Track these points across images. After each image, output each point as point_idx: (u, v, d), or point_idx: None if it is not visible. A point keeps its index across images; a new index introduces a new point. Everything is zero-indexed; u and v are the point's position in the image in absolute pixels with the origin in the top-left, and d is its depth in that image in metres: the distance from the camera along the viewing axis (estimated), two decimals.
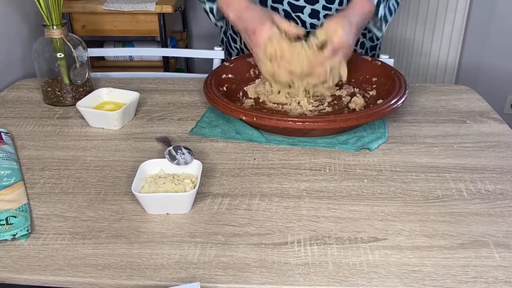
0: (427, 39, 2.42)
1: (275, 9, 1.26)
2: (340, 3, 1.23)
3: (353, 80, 1.21)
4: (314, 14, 1.24)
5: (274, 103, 1.13)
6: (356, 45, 1.33)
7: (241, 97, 1.17)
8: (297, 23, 1.27)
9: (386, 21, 1.20)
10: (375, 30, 1.24)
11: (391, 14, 1.21)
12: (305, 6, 1.23)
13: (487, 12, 2.36)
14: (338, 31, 1.04)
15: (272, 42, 1.05)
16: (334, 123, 0.97)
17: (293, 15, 1.25)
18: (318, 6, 1.23)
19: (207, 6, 1.22)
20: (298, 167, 0.95)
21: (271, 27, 1.06)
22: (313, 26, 1.26)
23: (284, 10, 1.25)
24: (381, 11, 1.16)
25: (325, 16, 1.25)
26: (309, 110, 1.10)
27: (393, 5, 1.22)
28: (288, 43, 1.05)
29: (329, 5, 1.23)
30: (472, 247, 0.75)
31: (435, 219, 0.81)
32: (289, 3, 1.24)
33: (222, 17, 1.25)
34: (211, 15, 1.24)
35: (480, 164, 0.95)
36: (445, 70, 2.47)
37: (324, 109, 1.11)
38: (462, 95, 1.24)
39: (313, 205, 0.85)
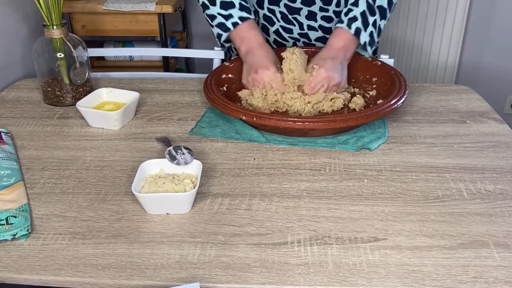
0: (427, 39, 2.42)
1: (271, 11, 1.25)
2: (338, 5, 1.23)
3: (353, 80, 1.21)
4: (311, 15, 1.24)
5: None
6: None
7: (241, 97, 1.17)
8: (294, 25, 1.26)
9: (373, 44, 1.18)
10: (361, 51, 1.21)
11: (379, 34, 1.18)
12: (301, 8, 1.23)
13: (487, 12, 2.35)
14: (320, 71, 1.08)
15: (271, 87, 1.09)
16: (334, 123, 0.97)
17: (290, 17, 1.25)
18: (315, 8, 1.23)
19: (215, 31, 1.21)
20: (298, 167, 0.95)
21: (275, 72, 1.10)
22: (310, 27, 1.26)
23: (280, 12, 1.24)
24: (363, 38, 1.14)
25: (322, 17, 1.25)
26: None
27: (381, 25, 1.18)
28: (283, 90, 1.10)
29: (326, 7, 1.23)
30: (472, 247, 0.75)
31: (435, 219, 0.81)
32: (285, 5, 1.23)
33: (227, 40, 1.23)
34: (217, 40, 1.23)
35: (480, 164, 0.95)
36: (445, 70, 2.47)
37: (324, 109, 1.11)
38: (462, 95, 1.23)
39: (313, 205, 0.85)
